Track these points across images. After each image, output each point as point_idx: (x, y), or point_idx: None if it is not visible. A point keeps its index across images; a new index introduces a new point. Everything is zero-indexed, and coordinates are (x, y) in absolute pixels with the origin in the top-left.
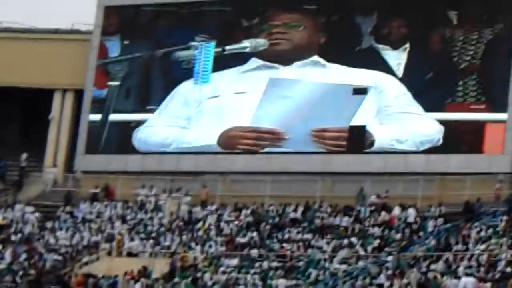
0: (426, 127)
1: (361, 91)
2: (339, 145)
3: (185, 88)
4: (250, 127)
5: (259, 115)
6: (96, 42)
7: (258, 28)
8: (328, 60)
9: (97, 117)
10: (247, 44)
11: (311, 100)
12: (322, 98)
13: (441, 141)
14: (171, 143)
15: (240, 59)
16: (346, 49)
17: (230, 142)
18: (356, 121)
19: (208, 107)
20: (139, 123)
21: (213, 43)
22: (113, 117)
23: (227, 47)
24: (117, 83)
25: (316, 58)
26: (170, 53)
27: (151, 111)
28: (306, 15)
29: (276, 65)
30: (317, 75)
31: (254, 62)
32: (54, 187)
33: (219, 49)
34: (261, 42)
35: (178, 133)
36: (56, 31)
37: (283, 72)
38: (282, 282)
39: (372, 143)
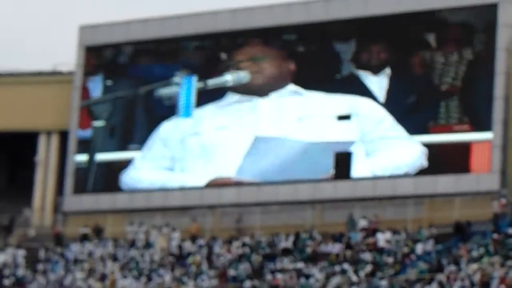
0: (409, 153)
1: (344, 118)
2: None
3: (165, 129)
4: (234, 178)
5: (244, 168)
6: (78, 82)
7: (227, 64)
8: (306, 88)
9: (83, 157)
10: (229, 78)
11: (293, 157)
12: (304, 155)
13: (425, 165)
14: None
15: (217, 94)
16: (325, 77)
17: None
18: (340, 148)
19: (192, 147)
20: (123, 163)
21: (194, 77)
22: (99, 156)
23: (210, 82)
24: (101, 123)
25: (292, 87)
26: (153, 90)
27: (135, 149)
28: (274, 46)
29: (253, 97)
30: (297, 105)
31: (232, 96)
32: (44, 229)
33: (202, 84)
34: (242, 75)
35: (164, 177)
36: (38, 74)
37: (261, 103)
38: None
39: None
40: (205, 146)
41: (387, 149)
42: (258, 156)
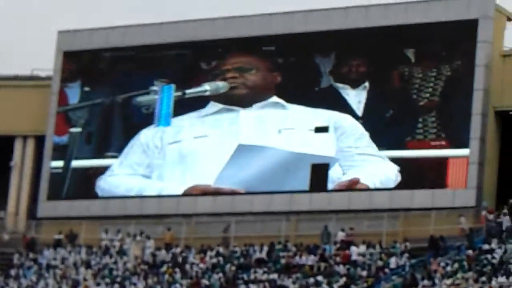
0: (386, 170)
1: (322, 129)
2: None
3: (145, 136)
4: (212, 186)
5: (223, 176)
6: (55, 88)
7: (213, 73)
8: (288, 101)
9: (58, 163)
10: (207, 88)
11: (274, 165)
12: (285, 165)
13: (398, 183)
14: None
15: (199, 103)
16: (305, 89)
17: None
18: (317, 160)
19: (171, 155)
20: (100, 170)
21: (173, 86)
22: (75, 163)
23: (188, 91)
24: (78, 129)
25: (275, 99)
26: (131, 98)
27: (112, 157)
28: (258, 57)
29: (235, 107)
30: (278, 117)
31: (213, 106)
32: (18, 234)
33: (180, 93)
34: (221, 85)
35: (141, 184)
36: (15, 78)
37: (243, 114)
38: None
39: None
40: (184, 155)
41: (365, 165)
42: (239, 164)
